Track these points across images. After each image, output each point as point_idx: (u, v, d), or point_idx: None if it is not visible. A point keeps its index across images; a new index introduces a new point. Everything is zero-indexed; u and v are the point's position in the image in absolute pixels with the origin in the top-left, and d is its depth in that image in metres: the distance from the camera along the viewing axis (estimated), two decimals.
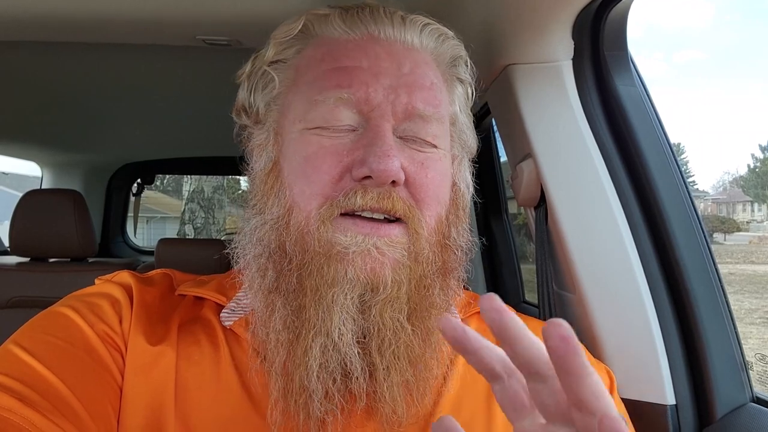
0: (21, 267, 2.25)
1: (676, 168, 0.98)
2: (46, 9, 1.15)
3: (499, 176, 1.96)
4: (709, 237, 1.02)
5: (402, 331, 0.64)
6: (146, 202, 8.10)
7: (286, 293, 0.66)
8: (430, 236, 0.68)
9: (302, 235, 0.66)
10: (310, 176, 0.66)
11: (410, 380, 0.65)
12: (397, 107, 0.67)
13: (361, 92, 0.67)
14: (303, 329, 0.64)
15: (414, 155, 0.68)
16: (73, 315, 0.67)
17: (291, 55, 0.74)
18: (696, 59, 49.68)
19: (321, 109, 0.67)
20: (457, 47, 0.77)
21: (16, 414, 0.55)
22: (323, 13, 0.73)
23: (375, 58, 0.69)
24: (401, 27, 0.72)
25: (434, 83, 0.71)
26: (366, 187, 0.64)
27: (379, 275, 0.64)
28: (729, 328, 0.94)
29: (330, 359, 0.62)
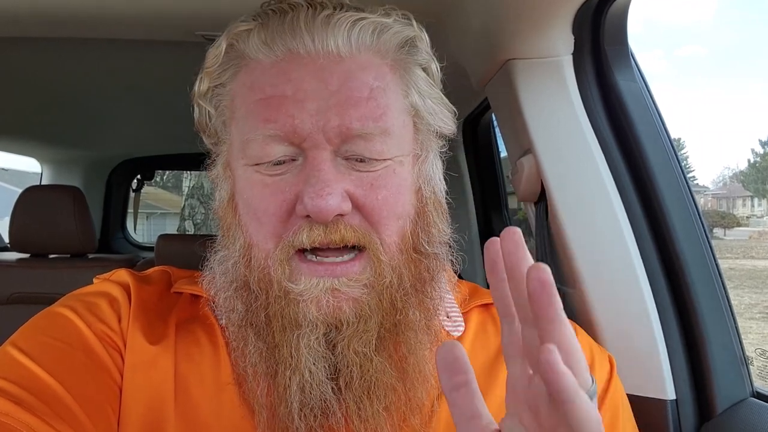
0: (21, 263, 2.24)
1: (676, 163, 0.98)
2: (44, 4, 1.14)
3: (499, 172, 1.96)
4: (709, 232, 1.02)
5: (369, 364, 0.63)
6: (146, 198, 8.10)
7: (258, 328, 0.65)
8: (393, 258, 0.65)
9: (264, 275, 0.65)
10: (260, 217, 0.65)
11: (395, 404, 0.64)
12: (329, 132, 0.62)
13: (287, 125, 0.62)
14: (279, 365, 0.63)
15: (362, 177, 0.64)
16: (72, 315, 0.67)
17: (228, 79, 0.70)
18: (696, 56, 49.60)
19: (254, 147, 0.65)
20: (404, 31, 0.69)
21: (14, 418, 0.55)
22: (245, 29, 0.68)
23: (298, 81, 0.64)
24: (323, 34, 0.64)
25: (374, 88, 0.65)
26: (311, 223, 0.62)
27: (338, 315, 0.63)
28: (729, 323, 0.94)
29: (308, 397, 0.62)
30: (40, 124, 2.53)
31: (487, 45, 1.05)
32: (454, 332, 0.75)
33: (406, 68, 0.70)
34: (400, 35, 0.69)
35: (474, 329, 0.76)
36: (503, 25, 0.98)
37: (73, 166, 3.25)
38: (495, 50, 1.04)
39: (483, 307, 0.80)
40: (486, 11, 0.98)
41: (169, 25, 1.25)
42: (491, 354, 0.74)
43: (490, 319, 0.78)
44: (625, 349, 0.93)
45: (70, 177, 3.21)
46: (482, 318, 0.78)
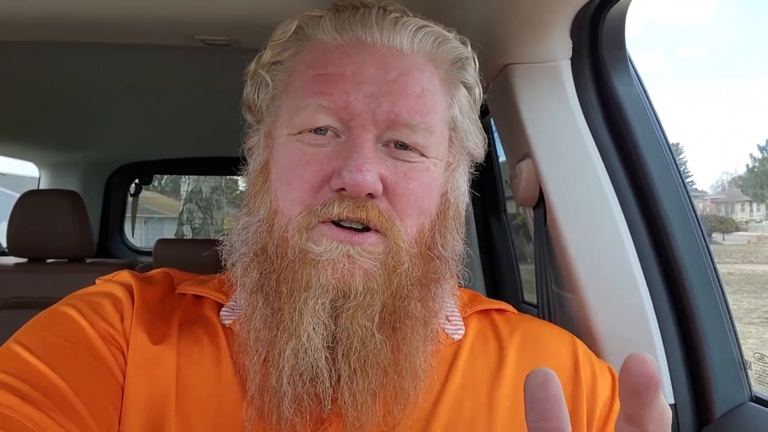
0: (19, 267, 2.24)
1: (674, 168, 0.98)
2: (44, 9, 1.14)
3: (497, 176, 1.96)
4: (708, 236, 1.02)
5: (370, 339, 0.64)
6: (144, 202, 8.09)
7: (267, 294, 0.66)
8: (411, 247, 0.67)
9: (282, 240, 0.66)
10: (291, 183, 0.67)
11: (383, 388, 0.65)
12: (378, 116, 0.66)
13: (341, 101, 0.66)
14: (278, 330, 0.64)
15: (397, 165, 0.67)
16: (75, 314, 0.67)
17: (288, 57, 0.74)
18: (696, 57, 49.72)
19: (303, 115, 0.67)
20: (459, 49, 0.75)
21: (18, 412, 0.55)
22: (317, 15, 0.72)
23: (360, 64, 0.68)
24: (391, 31, 0.70)
25: (426, 90, 0.69)
26: (343, 197, 0.65)
27: (349, 282, 0.64)
28: (728, 327, 0.94)
29: (301, 362, 0.63)
30: (38, 128, 2.53)
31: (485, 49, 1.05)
32: (454, 335, 0.75)
33: (454, 83, 0.75)
34: (455, 51, 0.74)
35: (473, 334, 0.76)
36: (501, 30, 0.98)
37: (71, 171, 3.25)
38: (493, 55, 1.04)
39: (483, 313, 0.80)
40: (484, 16, 0.98)
41: (169, 29, 1.25)
42: (491, 359, 0.74)
43: (489, 325, 0.79)
44: (623, 353, 0.92)
45: (68, 181, 3.20)
46: (482, 324, 0.79)
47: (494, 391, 0.70)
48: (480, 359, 0.74)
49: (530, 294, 1.86)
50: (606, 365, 0.79)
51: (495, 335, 0.77)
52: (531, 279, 1.67)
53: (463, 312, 0.78)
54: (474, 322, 0.78)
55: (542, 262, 1.08)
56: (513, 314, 0.82)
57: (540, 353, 0.75)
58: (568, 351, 0.77)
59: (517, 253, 1.94)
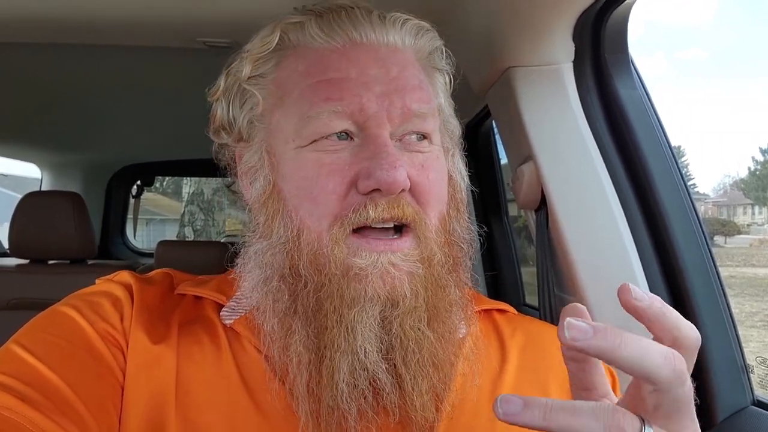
0: (20, 269, 2.24)
1: (676, 170, 0.98)
2: (46, 11, 1.15)
3: (499, 178, 1.96)
4: (710, 239, 1.02)
5: (424, 339, 0.64)
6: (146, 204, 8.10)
7: (305, 315, 0.65)
8: (437, 237, 0.67)
9: (316, 257, 0.65)
10: (316, 197, 0.65)
11: (436, 384, 0.65)
12: (392, 113, 0.66)
13: (354, 104, 0.65)
14: (327, 350, 0.63)
15: (414, 158, 0.67)
16: (74, 314, 0.67)
17: (270, 69, 0.72)
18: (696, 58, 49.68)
19: (315, 124, 0.66)
20: (434, 39, 0.75)
21: (17, 413, 0.55)
22: (297, 21, 0.70)
23: (362, 65, 0.67)
24: (382, 28, 0.70)
25: (422, 81, 0.70)
26: (375, 199, 0.63)
27: (398, 290, 0.63)
28: (730, 331, 0.94)
29: (359, 378, 0.62)
30: (40, 130, 2.54)
31: (487, 52, 1.05)
32: None
33: (432, 72, 0.75)
34: (432, 42, 0.75)
35: (476, 333, 0.76)
36: (504, 33, 0.98)
37: (73, 172, 3.26)
38: (495, 58, 1.04)
39: (485, 313, 0.80)
40: (487, 19, 0.99)
41: (171, 31, 1.26)
42: (493, 359, 0.74)
43: (491, 325, 0.79)
44: None
45: (69, 182, 3.21)
46: (484, 323, 0.79)
47: (496, 390, 0.71)
48: (482, 357, 0.74)
49: (531, 296, 1.85)
50: (606, 366, 0.79)
51: (496, 335, 0.78)
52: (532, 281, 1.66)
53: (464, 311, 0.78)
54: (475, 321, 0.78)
55: (544, 265, 1.08)
56: (514, 315, 0.82)
57: (541, 353, 0.75)
58: None
59: (518, 256, 1.94)
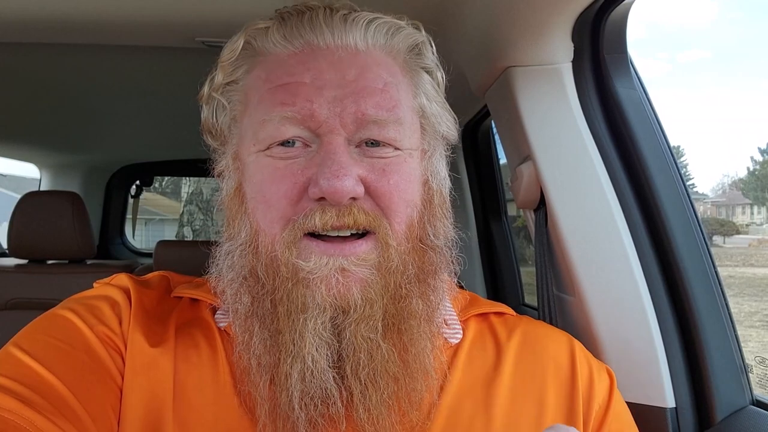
0: (19, 269, 2.24)
1: (675, 170, 0.98)
2: (45, 10, 1.15)
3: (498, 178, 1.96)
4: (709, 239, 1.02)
5: (377, 351, 0.63)
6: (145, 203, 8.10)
7: (263, 317, 0.65)
8: (400, 244, 0.66)
9: (271, 260, 0.65)
10: (269, 200, 0.66)
11: (396, 396, 0.64)
12: (345, 118, 0.65)
13: (305, 109, 0.65)
14: (281, 354, 0.63)
15: (374, 163, 0.66)
16: (73, 317, 0.68)
17: (241, 75, 0.72)
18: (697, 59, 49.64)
19: (269, 128, 0.66)
20: (414, 35, 0.73)
21: (18, 415, 0.55)
22: (263, 27, 0.71)
23: (317, 70, 0.66)
24: (341, 31, 0.68)
25: (388, 83, 0.68)
26: (324, 206, 0.63)
27: (347, 297, 0.63)
28: (729, 330, 0.94)
29: (309, 385, 0.62)
30: (39, 130, 2.53)
31: (486, 52, 1.05)
32: (451, 339, 0.75)
33: (415, 71, 0.73)
34: (410, 38, 0.73)
35: (471, 337, 0.76)
36: (503, 33, 0.98)
37: (72, 172, 3.25)
38: (494, 57, 1.04)
39: (481, 317, 0.80)
40: (486, 19, 0.99)
41: (169, 31, 1.25)
42: (489, 363, 0.74)
43: (488, 328, 0.79)
44: (624, 356, 0.93)
45: (69, 183, 3.21)
46: (480, 327, 0.79)
47: (492, 394, 0.70)
48: (477, 362, 0.74)
49: (530, 296, 1.85)
50: (604, 366, 0.79)
51: (493, 338, 0.77)
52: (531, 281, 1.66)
53: (461, 315, 0.78)
54: (472, 325, 0.78)
55: (543, 265, 1.08)
56: (511, 316, 0.82)
57: (537, 355, 0.75)
58: (565, 352, 0.77)
59: (517, 256, 1.94)
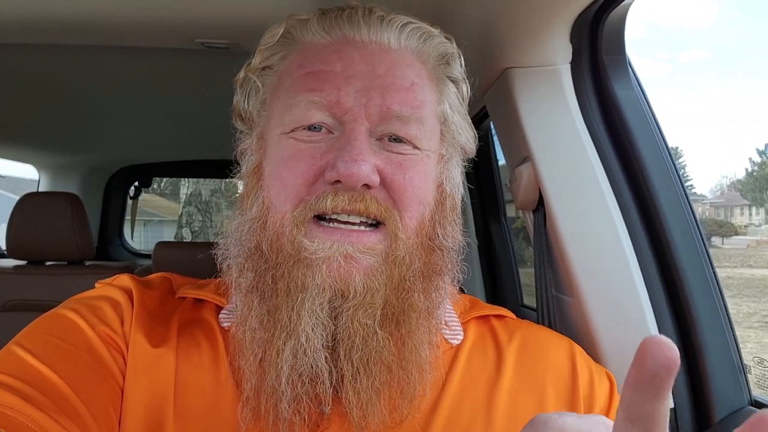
0: (18, 270, 2.24)
1: (674, 171, 0.98)
2: (45, 12, 1.15)
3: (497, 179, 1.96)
4: (707, 240, 1.02)
5: (372, 337, 0.64)
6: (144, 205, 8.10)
7: (263, 292, 0.66)
8: (409, 238, 0.67)
9: (277, 237, 0.66)
10: (285, 179, 0.67)
11: (387, 385, 0.64)
12: (370, 109, 0.67)
13: (332, 96, 0.67)
14: (276, 330, 0.64)
15: (392, 157, 0.68)
16: (75, 317, 0.68)
17: (276, 61, 0.74)
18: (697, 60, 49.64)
19: (295, 112, 0.68)
20: (445, 45, 0.75)
21: (20, 413, 0.56)
22: (303, 18, 0.73)
23: (349, 61, 0.69)
24: (378, 28, 0.71)
25: (415, 83, 0.70)
26: (338, 190, 0.65)
27: (347, 282, 0.64)
28: (727, 331, 0.94)
29: (300, 362, 0.62)
30: (38, 131, 2.53)
31: (485, 53, 1.06)
32: (452, 340, 0.75)
33: (441, 79, 0.75)
34: (441, 47, 0.75)
35: (472, 339, 0.76)
36: (501, 34, 0.98)
37: (70, 173, 3.25)
38: (493, 59, 1.04)
39: (481, 319, 0.80)
40: (484, 20, 0.99)
41: (169, 32, 1.26)
42: (489, 365, 0.74)
43: (488, 331, 0.79)
44: (622, 356, 0.93)
45: (67, 184, 3.20)
46: (480, 329, 0.79)
47: (492, 396, 0.71)
48: (478, 364, 0.74)
49: (529, 297, 1.85)
50: (604, 371, 0.79)
51: (493, 341, 0.77)
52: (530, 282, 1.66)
53: (462, 317, 0.78)
54: (472, 327, 0.78)
55: (541, 266, 1.08)
56: (512, 320, 0.82)
57: (538, 359, 0.75)
58: (565, 356, 0.77)
59: (516, 257, 1.94)
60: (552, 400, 0.72)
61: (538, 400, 0.72)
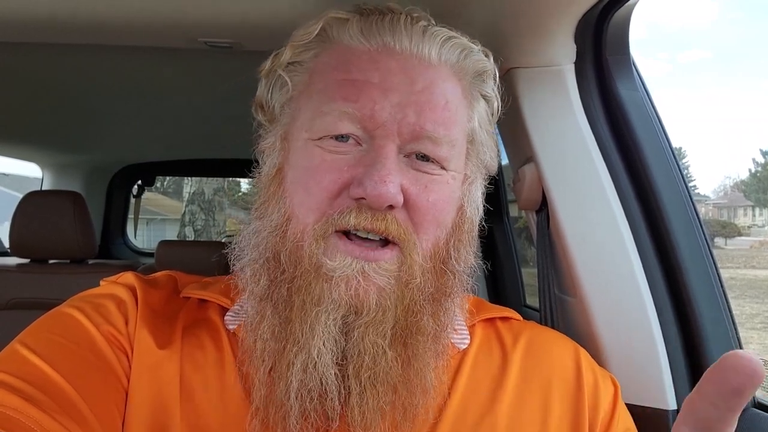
0: (21, 268, 2.24)
1: (677, 172, 0.98)
2: (48, 11, 1.15)
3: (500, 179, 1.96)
4: (711, 241, 1.02)
5: (382, 356, 0.63)
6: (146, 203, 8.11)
7: (276, 303, 0.65)
8: (424, 262, 0.66)
9: (296, 248, 0.65)
10: (310, 189, 0.65)
11: (392, 405, 0.64)
12: (403, 127, 0.65)
13: (366, 108, 0.65)
14: (287, 343, 0.63)
15: (418, 177, 0.66)
16: (79, 315, 0.67)
17: (308, 58, 0.72)
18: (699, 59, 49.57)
19: (325, 120, 0.66)
20: (483, 62, 0.74)
21: (23, 414, 0.55)
22: (343, 17, 0.71)
23: (387, 72, 0.66)
24: (420, 39, 0.68)
25: (449, 102, 0.68)
26: (361, 206, 0.63)
27: (363, 299, 0.63)
28: (730, 332, 0.93)
29: (310, 377, 0.62)
30: (41, 130, 2.54)
31: None
32: (459, 345, 0.75)
33: (475, 96, 0.74)
34: (478, 64, 0.73)
35: (479, 342, 0.76)
36: (505, 34, 0.98)
37: (74, 172, 3.26)
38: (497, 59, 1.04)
39: (487, 322, 0.80)
40: (488, 19, 0.98)
41: (172, 31, 1.26)
42: (495, 368, 0.74)
43: (494, 334, 0.79)
44: (625, 358, 0.93)
45: (71, 182, 3.21)
46: (486, 332, 0.78)
47: (497, 399, 0.70)
48: (483, 368, 0.73)
49: (532, 298, 1.85)
50: (608, 374, 0.79)
51: (499, 344, 0.77)
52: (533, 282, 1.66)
53: (468, 320, 0.78)
54: (478, 330, 0.78)
55: (545, 266, 1.08)
56: (516, 321, 0.82)
57: (543, 361, 0.75)
58: (570, 359, 0.76)
59: (519, 257, 1.94)
60: (557, 402, 0.72)
61: (543, 403, 0.71)
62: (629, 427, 0.75)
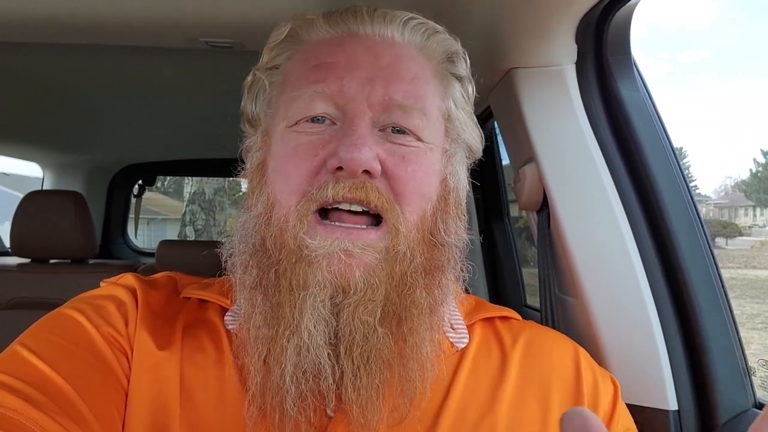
0: (21, 268, 2.24)
1: (678, 172, 0.98)
2: (48, 11, 1.15)
3: (501, 179, 1.96)
4: (711, 241, 1.02)
5: (372, 334, 0.63)
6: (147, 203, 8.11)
7: (266, 289, 0.66)
8: (410, 233, 0.67)
9: (281, 232, 0.66)
10: (289, 173, 0.67)
11: (388, 383, 0.64)
12: (373, 99, 0.67)
13: (335, 85, 0.67)
14: (279, 327, 0.64)
15: (395, 148, 0.68)
16: (79, 317, 0.68)
17: (283, 61, 0.75)
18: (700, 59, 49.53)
19: (299, 105, 0.68)
20: (448, 42, 0.76)
21: (22, 415, 0.55)
22: (309, 18, 0.74)
23: (352, 52, 0.69)
24: (381, 23, 0.72)
25: (417, 77, 0.71)
26: (339, 178, 0.64)
27: (347, 278, 0.63)
28: (731, 333, 0.93)
29: (304, 360, 0.62)
30: (42, 129, 2.54)
31: (489, 54, 1.05)
32: (458, 344, 0.75)
33: (446, 77, 0.75)
34: (445, 44, 0.75)
35: (477, 342, 0.76)
36: (506, 34, 0.98)
37: (74, 171, 3.26)
38: (498, 59, 1.04)
39: (487, 321, 0.80)
40: (488, 20, 0.98)
41: (173, 31, 1.26)
42: (494, 367, 0.74)
43: (493, 333, 0.79)
44: (626, 358, 0.92)
45: (71, 182, 3.21)
46: (485, 331, 0.78)
47: (497, 399, 0.70)
48: (483, 367, 0.73)
49: (532, 298, 1.85)
50: (608, 374, 0.79)
51: (498, 343, 0.77)
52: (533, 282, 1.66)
53: (467, 319, 0.78)
54: (478, 330, 0.78)
55: (545, 266, 1.08)
56: (516, 321, 0.82)
57: (542, 361, 0.75)
58: (570, 359, 0.76)
59: (519, 257, 1.94)
60: (556, 402, 0.72)
61: (542, 403, 0.71)
62: (629, 427, 0.75)
